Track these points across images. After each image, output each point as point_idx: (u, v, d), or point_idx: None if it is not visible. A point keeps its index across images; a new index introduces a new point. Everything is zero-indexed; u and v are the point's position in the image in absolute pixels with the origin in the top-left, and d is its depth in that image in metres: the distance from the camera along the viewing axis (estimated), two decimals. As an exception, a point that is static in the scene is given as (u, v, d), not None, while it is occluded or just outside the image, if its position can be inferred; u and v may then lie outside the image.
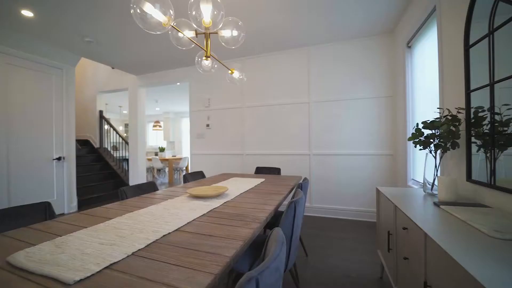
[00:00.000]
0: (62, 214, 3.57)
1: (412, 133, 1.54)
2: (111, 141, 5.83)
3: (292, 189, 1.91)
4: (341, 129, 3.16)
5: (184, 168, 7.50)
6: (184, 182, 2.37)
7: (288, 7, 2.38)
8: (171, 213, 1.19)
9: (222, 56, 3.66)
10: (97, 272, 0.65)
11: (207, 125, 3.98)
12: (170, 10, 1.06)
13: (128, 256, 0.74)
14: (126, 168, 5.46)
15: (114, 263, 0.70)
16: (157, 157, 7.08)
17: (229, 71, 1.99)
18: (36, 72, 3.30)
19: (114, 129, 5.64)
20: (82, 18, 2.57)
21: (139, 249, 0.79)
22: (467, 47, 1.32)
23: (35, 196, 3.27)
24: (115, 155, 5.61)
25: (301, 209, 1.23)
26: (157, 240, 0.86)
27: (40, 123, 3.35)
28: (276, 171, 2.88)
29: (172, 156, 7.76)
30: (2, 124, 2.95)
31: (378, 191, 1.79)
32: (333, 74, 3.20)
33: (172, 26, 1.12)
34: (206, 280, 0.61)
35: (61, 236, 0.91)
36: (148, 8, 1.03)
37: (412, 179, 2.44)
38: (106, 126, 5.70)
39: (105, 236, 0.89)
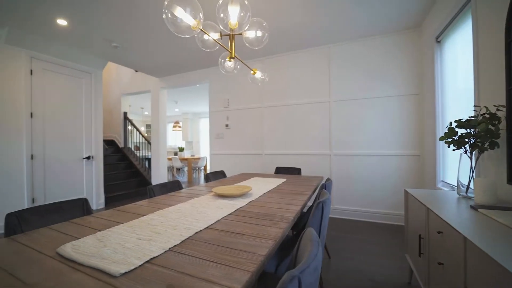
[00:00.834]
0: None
1: (445, 133, 1.47)
2: (134, 141, 6.08)
3: (315, 190, 1.89)
4: (363, 128, 3.07)
5: (202, 167, 7.65)
6: (206, 181, 2.42)
7: (309, 4, 2.35)
8: (199, 211, 1.22)
9: (242, 56, 3.70)
10: (139, 266, 0.68)
11: (226, 125, 4.03)
12: (200, 14, 1.09)
13: (165, 251, 0.77)
14: (148, 167, 5.68)
15: (154, 257, 0.73)
16: (176, 156, 7.28)
17: (251, 72, 2.00)
18: (68, 77, 3.52)
19: (137, 129, 5.88)
20: (110, 24, 2.71)
21: (174, 245, 0.82)
22: (509, 39, 1.23)
23: (67, 193, 3.49)
24: (138, 155, 5.85)
25: (328, 209, 1.21)
26: (190, 237, 0.89)
27: (72, 124, 3.57)
28: (296, 171, 2.86)
29: (191, 155, 7.95)
30: (40, 125, 3.18)
31: (406, 193, 1.72)
32: (354, 72, 3.12)
33: (200, 29, 1.15)
34: (243, 278, 0.62)
35: (101, 230, 0.97)
36: (179, 12, 1.07)
37: (442, 181, 2.32)
38: (129, 127, 5.96)
39: (141, 232, 0.93)
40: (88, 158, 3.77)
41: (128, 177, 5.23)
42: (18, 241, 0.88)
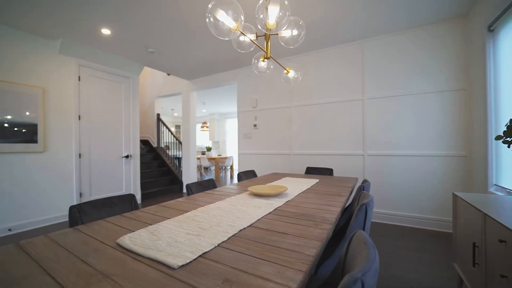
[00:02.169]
0: (129, 206, 4.06)
1: (504, 131, 1.33)
2: (165, 141, 6.40)
3: (351, 191, 1.82)
4: (400, 127, 2.89)
5: (229, 166, 7.80)
6: (238, 180, 2.46)
7: None
8: (239, 209, 1.24)
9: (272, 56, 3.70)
10: (194, 259, 0.72)
11: (255, 125, 4.06)
12: (241, 16, 1.11)
13: (215, 247, 0.80)
14: (178, 165, 5.94)
15: (205, 252, 0.76)
16: (204, 156, 7.52)
17: (285, 71, 1.99)
18: (110, 82, 3.82)
19: (169, 130, 6.18)
20: (148, 31, 2.88)
21: (222, 241, 0.84)
22: None
23: (108, 189, 3.78)
24: (169, 154, 6.15)
25: (371, 212, 1.17)
26: (235, 234, 0.91)
27: (113, 126, 3.86)
28: (328, 171, 2.79)
29: (218, 155, 8.15)
30: (86, 127, 3.50)
31: (455, 197, 1.59)
32: (390, 68, 2.95)
33: (240, 31, 1.17)
34: (297, 277, 0.62)
35: (151, 224, 1.03)
36: (221, 15, 1.10)
37: (495, 184, 2.09)
38: (162, 128, 6.29)
39: (189, 227, 0.98)
40: (127, 157, 4.04)
41: (161, 175, 5.52)
42: (82, 231, 0.97)
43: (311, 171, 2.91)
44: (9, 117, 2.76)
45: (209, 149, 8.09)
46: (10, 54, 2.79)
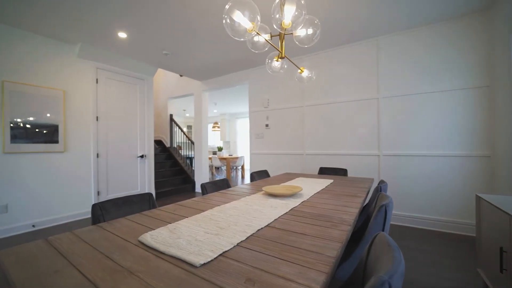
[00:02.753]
0: (144, 204, 4.16)
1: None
2: (177, 141, 6.52)
3: (368, 192, 1.79)
4: (418, 126, 2.80)
5: (240, 166, 7.83)
6: (251, 180, 2.47)
7: (358, -3, 2.23)
8: (255, 209, 1.25)
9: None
10: (214, 258, 0.72)
11: (266, 125, 4.06)
12: (258, 16, 1.11)
13: (234, 246, 0.81)
14: (189, 165, 6.03)
15: (225, 251, 0.77)
16: (216, 156, 7.59)
17: (299, 71, 1.98)
18: (125, 84, 3.93)
19: (182, 130, 6.29)
20: (163, 34, 2.94)
21: (241, 241, 0.85)
22: None
23: (124, 187, 3.89)
24: (182, 154, 6.25)
25: (390, 214, 1.14)
26: (253, 234, 0.91)
27: (128, 126, 3.97)
28: (342, 172, 2.75)
29: (229, 155, 8.20)
30: (103, 127, 3.61)
31: (478, 199, 1.52)
32: (407, 65, 2.86)
33: (256, 32, 1.17)
34: (320, 278, 0.61)
35: (170, 223, 1.05)
36: (237, 16, 1.11)
37: (522, 186, 1.99)
38: (174, 128, 6.40)
39: (207, 226, 0.99)
40: (142, 156, 4.15)
41: (174, 175, 5.62)
42: (104, 229, 1.00)
43: (324, 171, 2.88)
44: (31, 118, 2.90)
45: (220, 149, 8.16)
46: (34, 59, 2.93)
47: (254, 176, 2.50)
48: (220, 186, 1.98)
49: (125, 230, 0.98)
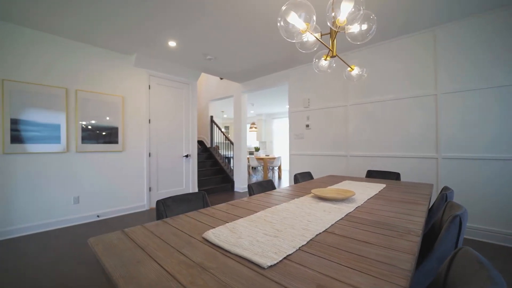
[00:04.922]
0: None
1: None
2: (216, 141, 6.78)
3: (430, 199, 1.62)
4: (485, 126, 2.44)
5: (277, 167, 7.82)
6: (295, 182, 2.44)
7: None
8: (307, 212, 1.22)
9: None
10: (280, 261, 0.73)
11: (307, 126, 3.97)
12: (313, 16, 1.09)
13: (296, 250, 0.80)
14: (228, 164, 6.22)
15: (289, 255, 0.77)
16: (253, 156, 7.70)
17: (348, 69, 1.89)
18: (173, 88, 4.22)
19: (222, 131, 6.53)
20: (207, 40, 3.08)
21: (302, 245, 0.84)
22: None
23: (172, 185, 4.19)
24: (221, 154, 6.49)
25: (465, 225, 1.01)
26: (313, 238, 0.90)
27: (175, 128, 4.27)
28: (393, 176, 2.54)
29: (266, 155, 8.25)
30: (155, 129, 3.94)
31: None
32: (469, 57, 2.51)
33: (310, 32, 1.15)
34: (399, 293, 0.57)
35: (228, 222, 1.09)
36: (292, 18, 1.10)
37: None
38: (214, 129, 6.68)
39: (264, 227, 1.00)
40: (187, 156, 4.41)
41: (214, 174, 5.86)
42: (170, 224, 1.09)
43: (373, 174, 2.70)
44: (93, 121, 3.29)
45: (257, 149, 8.26)
46: (100, 69, 3.34)
47: (298, 177, 2.46)
48: (265, 187, 2.00)
49: (188, 227, 1.05)
